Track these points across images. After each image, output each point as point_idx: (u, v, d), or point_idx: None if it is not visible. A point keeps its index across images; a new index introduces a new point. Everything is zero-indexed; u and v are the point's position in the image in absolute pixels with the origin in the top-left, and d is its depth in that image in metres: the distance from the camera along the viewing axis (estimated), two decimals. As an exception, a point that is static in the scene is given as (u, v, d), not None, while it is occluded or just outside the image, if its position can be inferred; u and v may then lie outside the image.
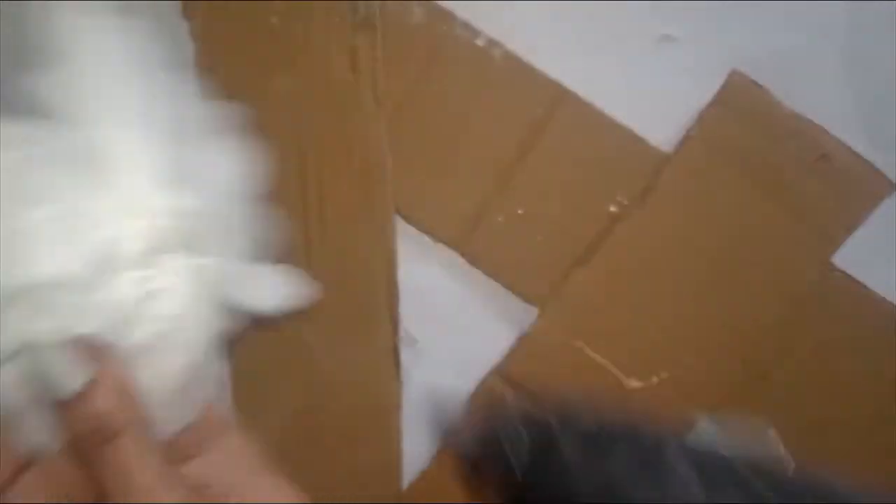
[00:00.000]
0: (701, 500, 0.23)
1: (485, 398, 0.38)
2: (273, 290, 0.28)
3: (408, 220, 0.39)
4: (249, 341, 0.39)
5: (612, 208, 0.38)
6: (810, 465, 0.34)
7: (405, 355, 0.40)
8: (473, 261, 0.39)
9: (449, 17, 0.37)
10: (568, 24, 0.38)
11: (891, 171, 0.36)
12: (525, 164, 0.38)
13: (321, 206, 0.38)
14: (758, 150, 0.36)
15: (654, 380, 0.37)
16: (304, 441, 0.40)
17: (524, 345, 0.38)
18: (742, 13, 0.37)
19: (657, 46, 0.38)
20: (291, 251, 0.38)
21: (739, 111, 0.36)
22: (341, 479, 0.40)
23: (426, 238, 0.39)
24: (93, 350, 0.22)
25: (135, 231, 0.23)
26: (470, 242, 0.38)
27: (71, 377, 0.22)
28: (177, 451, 0.25)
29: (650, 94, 0.38)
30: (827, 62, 0.37)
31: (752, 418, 0.38)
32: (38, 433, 0.23)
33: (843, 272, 0.37)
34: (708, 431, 0.32)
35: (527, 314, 0.39)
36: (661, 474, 0.24)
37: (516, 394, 0.38)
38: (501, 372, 0.38)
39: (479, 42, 0.37)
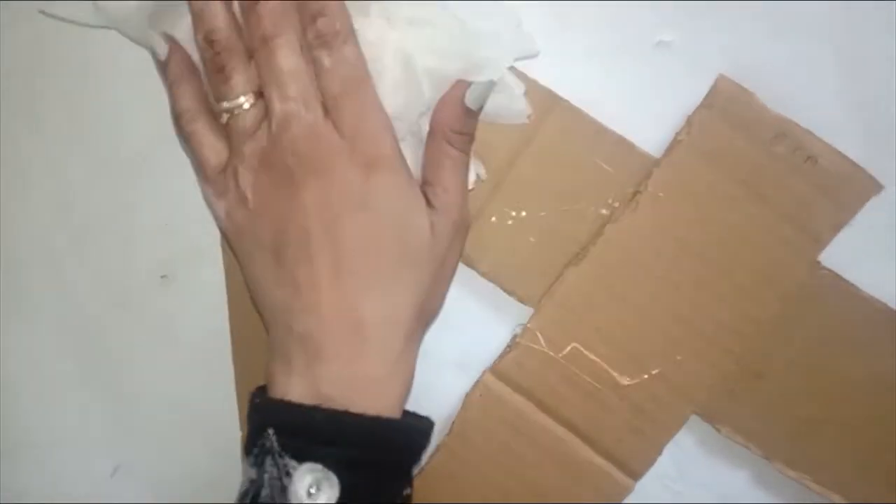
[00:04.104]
0: None
1: (480, 397, 0.39)
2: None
3: (404, 222, 0.40)
4: (252, 341, 0.40)
5: (603, 211, 0.38)
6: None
7: (403, 356, 0.40)
8: (468, 262, 0.39)
9: (443, 24, 0.38)
10: (561, 31, 0.38)
11: (876, 171, 0.37)
12: (517, 168, 0.38)
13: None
14: (745, 153, 0.37)
15: (646, 377, 0.38)
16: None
17: (519, 344, 0.38)
18: (737, 18, 0.38)
19: (651, 52, 0.38)
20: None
21: (727, 115, 0.37)
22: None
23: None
24: None
25: None
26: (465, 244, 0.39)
27: None
28: None
29: (642, 100, 0.39)
30: (816, 65, 0.38)
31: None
32: None
33: (831, 271, 0.38)
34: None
35: (521, 314, 0.39)
36: None
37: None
38: (497, 371, 0.39)
39: (473, 49, 0.38)
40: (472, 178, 0.38)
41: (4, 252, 0.42)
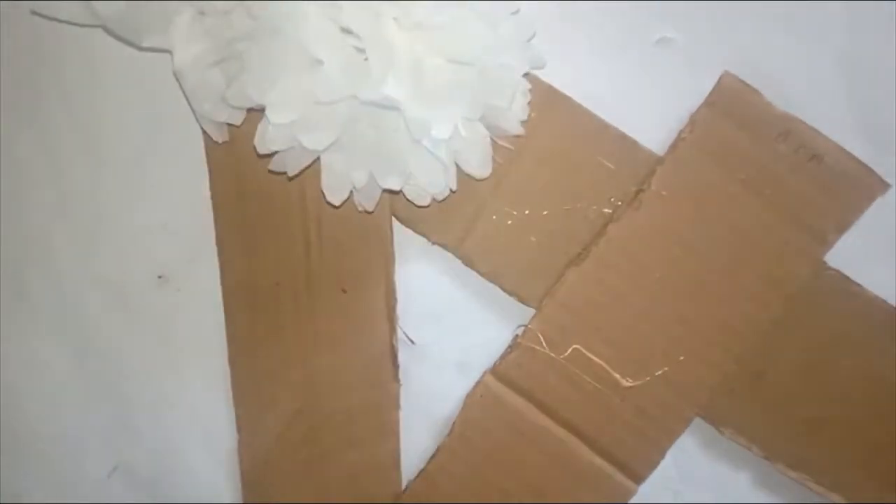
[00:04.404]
0: None
1: (480, 398, 0.39)
2: None
3: (404, 222, 0.39)
4: (249, 342, 0.40)
5: (606, 209, 0.38)
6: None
7: (403, 356, 0.40)
8: (469, 262, 0.39)
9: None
10: (562, 27, 0.38)
11: (883, 170, 0.36)
12: (519, 166, 0.38)
13: (319, 208, 0.39)
14: (749, 151, 0.36)
15: (648, 378, 0.38)
16: (303, 441, 0.40)
17: (520, 345, 0.38)
18: (740, 15, 0.37)
19: (653, 49, 0.38)
20: (289, 253, 0.39)
21: (731, 112, 0.36)
22: (340, 479, 0.40)
23: (422, 240, 0.40)
24: None
25: None
26: (465, 244, 0.39)
27: None
28: None
29: (645, 97, 0.38)
30: (821, 63, 0.38)
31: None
32: None
33: (837, 271, 0.37)
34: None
35: (522, 315, 0.39)
36: None
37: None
38: (497, 372, 0.38)
39: (474, 46, 0.38)
40: (444, 188, 0.37)
41: (4, 252, 0.42)
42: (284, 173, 0.37)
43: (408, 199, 0.37)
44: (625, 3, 0.38)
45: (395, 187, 0.36)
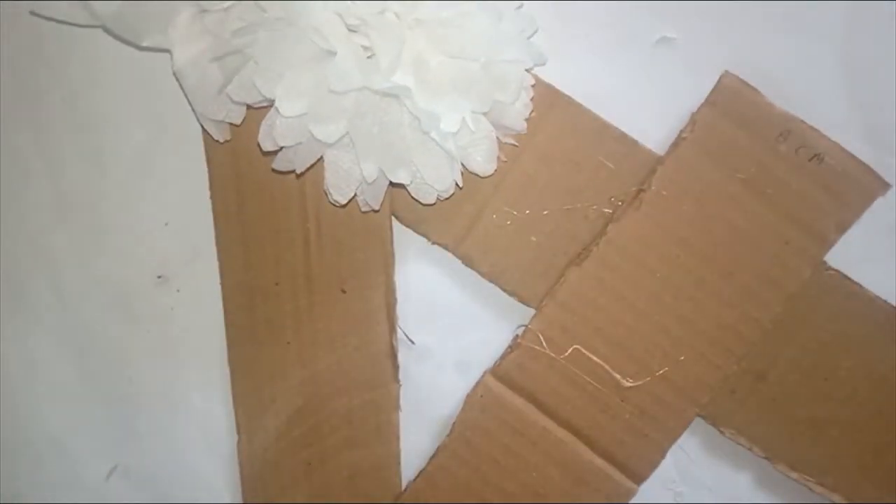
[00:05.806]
0: None
1: (481, 398, 0.39)
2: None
3: (403, 222, 0.39)
4: (249, 342, 0.40)
5: (606, 209, 0.38)
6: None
7: (403, 356, 0.40)
8: (469, 262, 0.39)
9: (443, 21, 0.38)
10: (563, 27, 0.38)
11: (883, 170, 0.36)
12: (519, 165, 0.38)
13: (318, 208, 0.39)
14: (750, 151, 0.36)
15: (648, 378, 0.38)
16: (303, 441, 0.40)
17: (520, 345, 0.38)
18: (740, 15, 0.37)
19: (653, 49, 0.38)
20: (289, 253, 0.39)
21: (731, 112, 0.36)
22: (340, 479, 0.40)
23: (422, 240, 0.40)
24: None
25: None
26: (465, 244, 0.39)
27: None
28: None
29: (645, 97, 0.38)
30: (821, 63, 0.38)
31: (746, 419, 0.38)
32: None
33: (837, 271, 0.37)
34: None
35: (523, 315, 0.39)
36: None
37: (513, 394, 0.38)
38: (498, 372, 0.38)
39: (474, 46, 0.38)
40: (450, 184, 0.37)
41: (4, 252, 0.42)
42: (284, 173, 0.37)
43: (413, 198, 0.37)
44: (625, 3, 0.38)
45: (406, 181, 0.35)
